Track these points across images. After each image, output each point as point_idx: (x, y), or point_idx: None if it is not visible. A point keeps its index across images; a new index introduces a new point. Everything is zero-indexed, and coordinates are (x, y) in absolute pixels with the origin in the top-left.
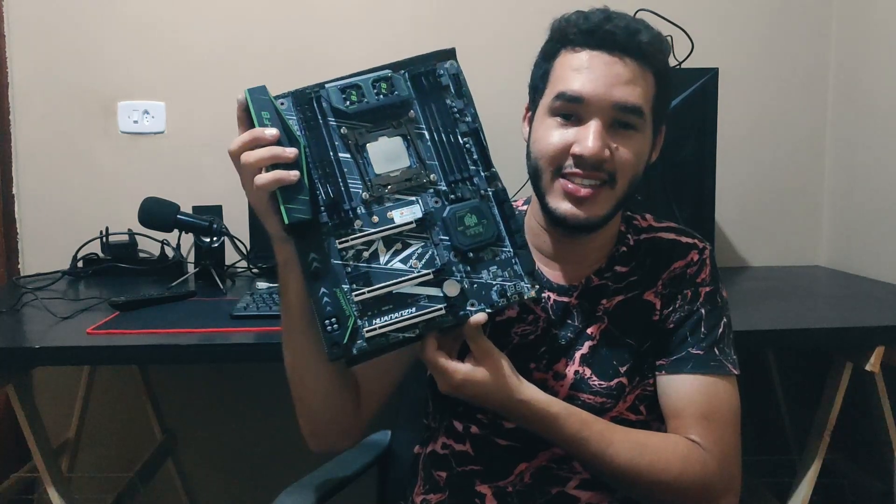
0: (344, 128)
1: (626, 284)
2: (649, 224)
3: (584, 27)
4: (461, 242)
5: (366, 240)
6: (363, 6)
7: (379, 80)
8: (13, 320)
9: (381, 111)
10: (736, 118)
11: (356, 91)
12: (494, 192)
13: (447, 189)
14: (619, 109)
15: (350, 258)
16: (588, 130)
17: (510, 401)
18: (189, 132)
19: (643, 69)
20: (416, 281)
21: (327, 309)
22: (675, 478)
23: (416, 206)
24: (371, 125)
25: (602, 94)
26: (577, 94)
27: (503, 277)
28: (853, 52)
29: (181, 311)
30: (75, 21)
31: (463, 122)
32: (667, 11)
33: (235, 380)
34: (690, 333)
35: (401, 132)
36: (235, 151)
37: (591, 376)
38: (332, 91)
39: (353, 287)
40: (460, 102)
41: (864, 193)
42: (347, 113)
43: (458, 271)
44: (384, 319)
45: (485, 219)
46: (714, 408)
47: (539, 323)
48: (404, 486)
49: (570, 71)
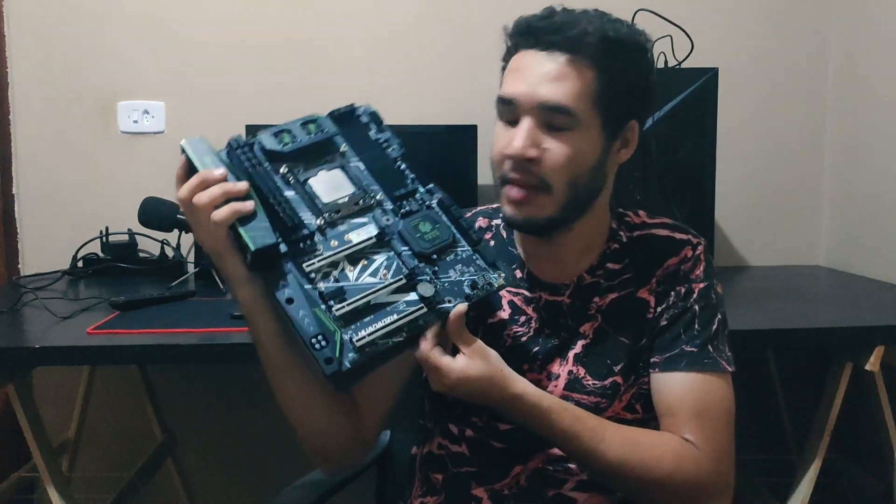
0: (283, 167)
1: (619, 282)
2: (643, 220)
3: (521, 27)
4: (422, 247)
5: (331, 260)
6: (363, 6)
7: (306, 122)
8: (13, 320)
9: (313, 148)
10: (736, 118)
11: (287, 133)
12: (438, 202)
13: (394, 206)
14: (545, 109)
15: (319, 279)
16: (516, 131)
17: (503, 396)
18: (189, 132)
19: (577, 64)
20: (390, 288)
21: (311, 329)
22: (668, 476)
23: (370, 226)
24: (307, 163)
25: (526, 93)
26: (507, 95)
27: (470, 272)
28: (853, 51)
29: (181, 311)
30: (75, 21)
31: (391, 149)
32: (667, 11)
33: (235, 380)
34: (684, 330)
35: (336, 165)
36: (186, 197)
37: (586, 376)
38: (264, 137)
39: (330, 304)
40: (383, 135)
41: (863, 193)
42: (283, 153)
43: (427, 274)
44: (369, 328)
45: (438, 223)
46: (708, 406)
47: (531, 324)
48: (403, 488)
49: (509, 73)
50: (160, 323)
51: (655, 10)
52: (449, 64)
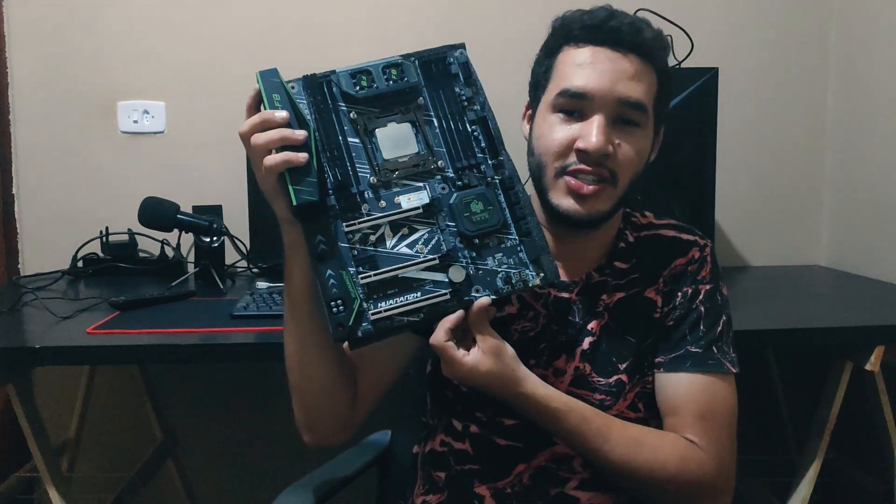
0: (353, 112)
1: (626, 281)
2: (650, 221)
3: (589, 23)
4: (467, 228)
5: (373, 224)
6: (365, 7)
7: (389, 66)
8: (13, 320)
9: (390, 97)
10: (736, 118)
11: (366, 76)
12: (501, 179)
13: (454, 176)
14: (624, 105)
15: (357, 241)
16: (591, 125)
17: (511, 393)
18: (189, 132)
19: (646, 66)
20: (421, 266)
21: (333, 291)
22: (672, 476)
23: (423, 192)
24: (380, 111)
25: (606, 89)
26: (581, 89)
27: (508, 265)
28: (853, 51)
29: (181, 310)
30: (75, 21)
31: (471, 111)
32: (667, 11)
33: (235, 380)
34: (689, 331)
35: (409, 118)
36: (246, 133)
37: (591, 373)
38: (342, 76)
39: (360, 270)
40: (469, 91)
41: (863, 193)
42: (357, 98)
43: (464, 257)
44: (389, 303)
45: (491, 205)
46: (711, 407)
47: (539, 319)
48: (404, 487)
49: (574, 67)
50: (160, 323)
51: (655, 10)
52: None
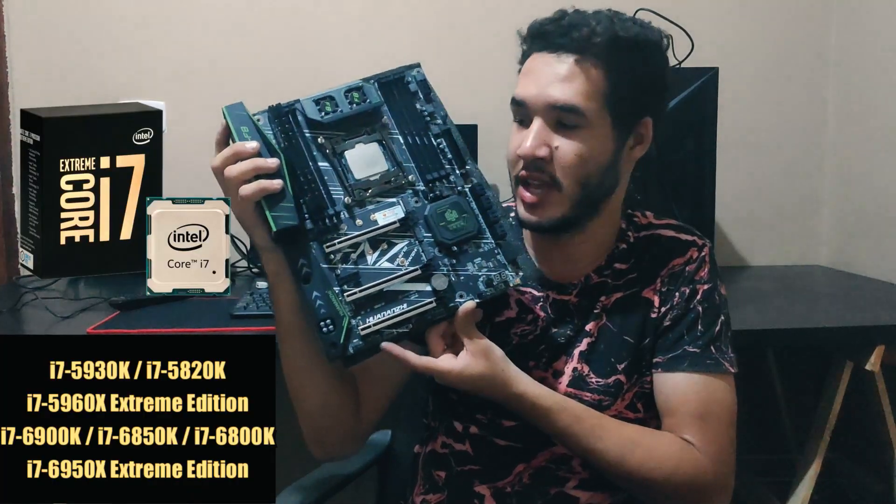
0: (321, 137)
1: (625, 281)
2: (649, 221)
3: (532, 31)
4: (444, 237)
5: (352, 242)
6: (362, 8)
7: (351, 90)
8: (13, 320)
9: (355, 119)
10: (736, 118)
11: (330, 102)
12: (471, 187)
13: (425, 188)
14: (556, 108)
15: (338, 261)
16: (529, 132)
17: (504, 394)
18: (189, 132)
19: (585, 64)
20: (404, 278)
21: (322, 311)
22: (667, 477)
23: (397, 207)
24: (346, 133)
25: (536, 94)
26: (518, 97)
27: (488, 268)
28: (853, 51)
29: (181, 310)
30: (75, 21)
31: (434, 125)
32: (667, 11)
33: None
34: (687, 331)
35: (375, 138)
36: (218, 167)
37: (590, 373)
38: (306, 103)
39: (344, 288)
40: (430, 107)
41: (864, 193)
42: (323, 123)
43: (445, 265)
44: (377, 317)
45: (465, 213)
46: (709, 407)
47: (538, 322)
48: (404, 486)
49: (522, 76)
50: (160, 323)
51: (655, 10)
52: (449, 63)
